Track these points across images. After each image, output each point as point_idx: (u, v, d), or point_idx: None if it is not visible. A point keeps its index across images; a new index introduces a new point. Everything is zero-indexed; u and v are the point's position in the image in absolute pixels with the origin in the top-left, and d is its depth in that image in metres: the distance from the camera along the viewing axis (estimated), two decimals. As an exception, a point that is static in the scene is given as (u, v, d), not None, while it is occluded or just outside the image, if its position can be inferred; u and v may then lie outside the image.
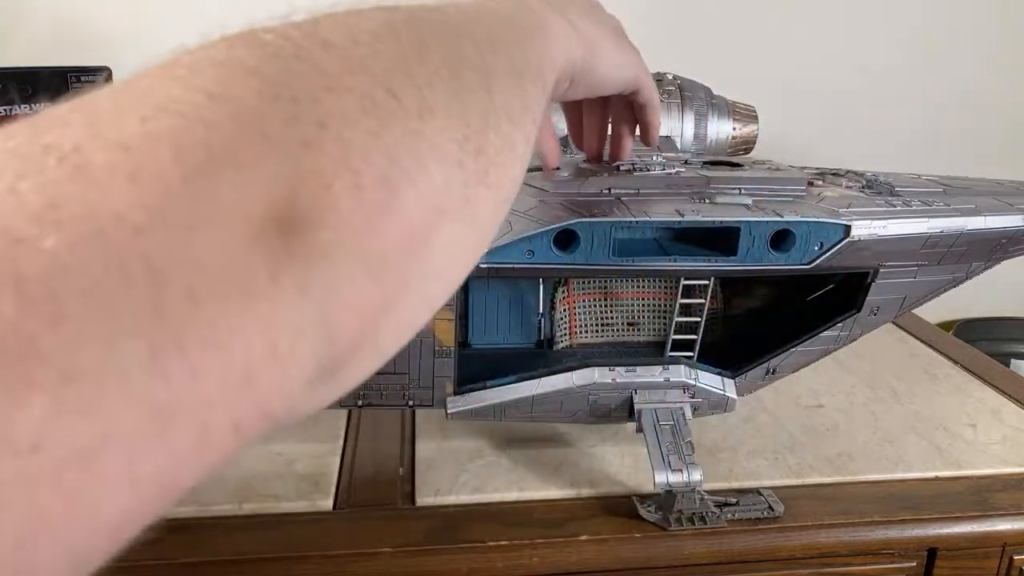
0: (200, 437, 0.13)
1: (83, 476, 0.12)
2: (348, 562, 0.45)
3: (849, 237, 0.47)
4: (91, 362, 0.12)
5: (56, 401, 0.11)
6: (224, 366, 0.13)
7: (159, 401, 0.13)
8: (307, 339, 0.15)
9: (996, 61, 1.08)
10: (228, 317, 0.14)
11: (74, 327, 0.12)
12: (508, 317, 0.55)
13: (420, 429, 0.58)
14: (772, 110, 0.73)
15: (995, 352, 0.93)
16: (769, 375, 0.54)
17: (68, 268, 0.12)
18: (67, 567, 0.12)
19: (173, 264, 0.13)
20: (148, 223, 0.13)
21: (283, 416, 0.16)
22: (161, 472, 0.13)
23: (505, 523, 0.48)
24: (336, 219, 0.16)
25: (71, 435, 0.11)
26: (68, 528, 0.12)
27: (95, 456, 0.12)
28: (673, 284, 0.55)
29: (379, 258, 0.17)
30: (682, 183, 0.48)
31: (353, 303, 0.16)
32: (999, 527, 0.51)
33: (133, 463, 0.12)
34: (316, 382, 0.16)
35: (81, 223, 0.12)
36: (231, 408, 0.14)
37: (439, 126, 0.18)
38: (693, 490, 0.48)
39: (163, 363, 0.13)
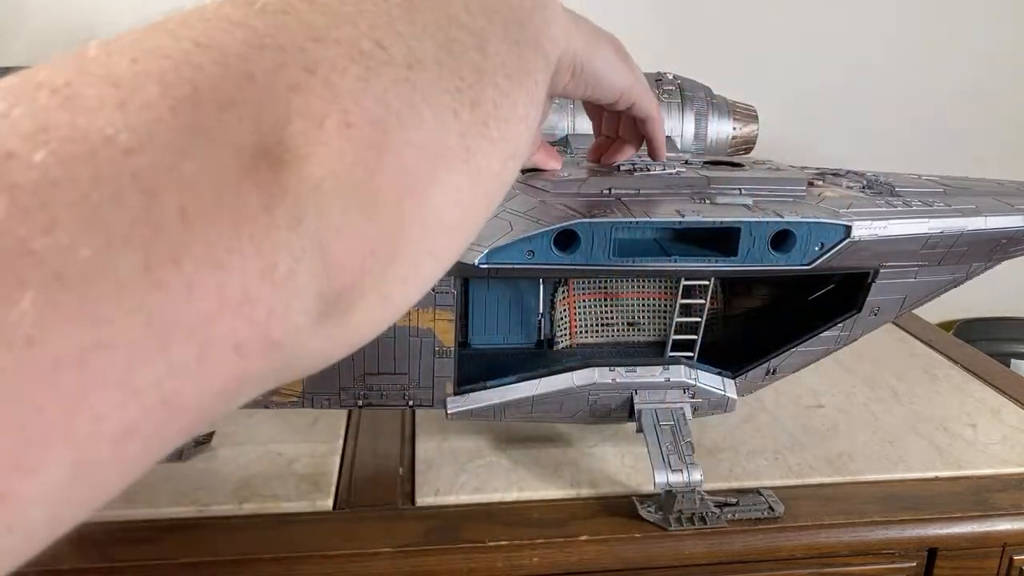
0: (200, 353, 0.14)
1: (79, 378, 0.12)
2: (348, 562, 0.45)
3: (849, 237, 0.47)
4: (84, 266, 0.12)
5: (49, 299, 0.12)
6: (221, 284, 0.14)
7: (156, 311, 0.13)
8: (305, 267, 0.15)
9: (996, 61, 1.08)
10: (222, 237, 0.14)
11: (66, 232, 0.12)
12: (508, 317, 0.55)
13: (420, 429, 0.58)
14: (772, 110, 0.73)
15: (995, 352, 0.93)
16: (769, 375, 0.54)
17: (58, 181, 0.12)
18: (70, 470, 0.12)
19: (164, 184, 0.13)
20: (138, 145, 0.13)
21: (291, 349, 0.16)
22: (163, 386, 0.13)
23: (505, 523, 0.48)
24: (326, 154, 0.16)
25: (65, 334, 0.12)
26: (67, 430, 0.12)
27: (91, 358, 0.12)
28: (673, 284, 0.55)
29: (373, 195, 0.17)
30: (682, 183, 0.48)
31: (349, 237, 0.17)
32: (999, 527, 0.51)
33: (132, 370, 0.13)
34: (322, 318, 0.17)
35: (71, 143, 0.13)
36: (231, 328, 0.14)
37: (429, 77, 0.18)
38: (693, 490, 0.48)
39: (158, 274, 0.13)
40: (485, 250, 0.43)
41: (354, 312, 0.18)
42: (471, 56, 0.20)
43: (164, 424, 0.14)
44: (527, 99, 0.23)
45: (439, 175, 0.19)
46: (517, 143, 0.22)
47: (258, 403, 0.48)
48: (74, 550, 0.45)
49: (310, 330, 0.16)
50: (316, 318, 0.17)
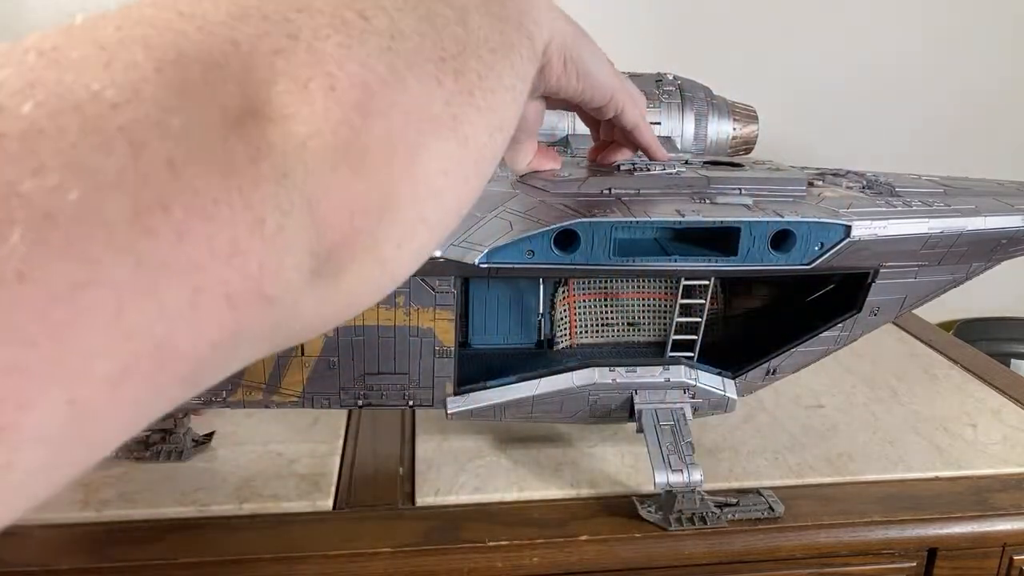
0: (192, 299, 0.14)
1: (70, 314, 0.12)
2: (348, 562, 0.45)
3: (849, 237, 0.47)
4: (73, 207, 0.12)
5: (39, 237, 0.12)
6: (211, 233, 0.14)
7: (145, 254, 0.13)
8: (294, 222, 0.16)
9: (997, 61, 1.08)
10: (210, 188, 0.14)
11: (53, 176, 0.12)
12: (508, 317, 0.55)
13: (420, 429, 0.58)
14: (772, 110, 0.73)
15: (995, 352, 0.93)
16: (769, 375, 0.54)
17: (45, 129, 0.13)
18: (65, 409, 0.13)
19: (151, 136, 0.14)
20: (124, 100, 0.14)
21: (284, 306, 0.16)
22: (155, 329, 0.14)
23: (505, 523, 0.48)
24: (311, 113, 0.16)
25: (56, 271, 0.12)
26: (61, 366, 0.12)
27: (81, 296, 0.12)
28: (673, 284, 0.55)
29: (360, 154, 0.17)
30: (682, 183, 0.48)
31: (337, 194, 0.17)
32: (999, 527, 0.51)
33: (123, 311, 0.13)
34: (315, 277, 0.17)
35: (58, 98, 0.13)
36: (222, 277, 0.14)
37: (411, 47, 0.19)
38: (693, 490, 0.48)
39: (147, 220, 0.13)
40: (485, 250, 0.43)
41: (347, 273, 0.18)
42: (453, 29, 0.20)
43: (159, 369, 0.14)
44: (512, 72, 0.23)
45: (426, 140, 0.19)
46: (504, 114, 0.22)
47: (258, 403, 0.48)
48: (74, 550, 0.45)
49: (303, 288, 0.17)
50: (308, 276, 0.17)
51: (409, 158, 0.19)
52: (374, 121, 0.17)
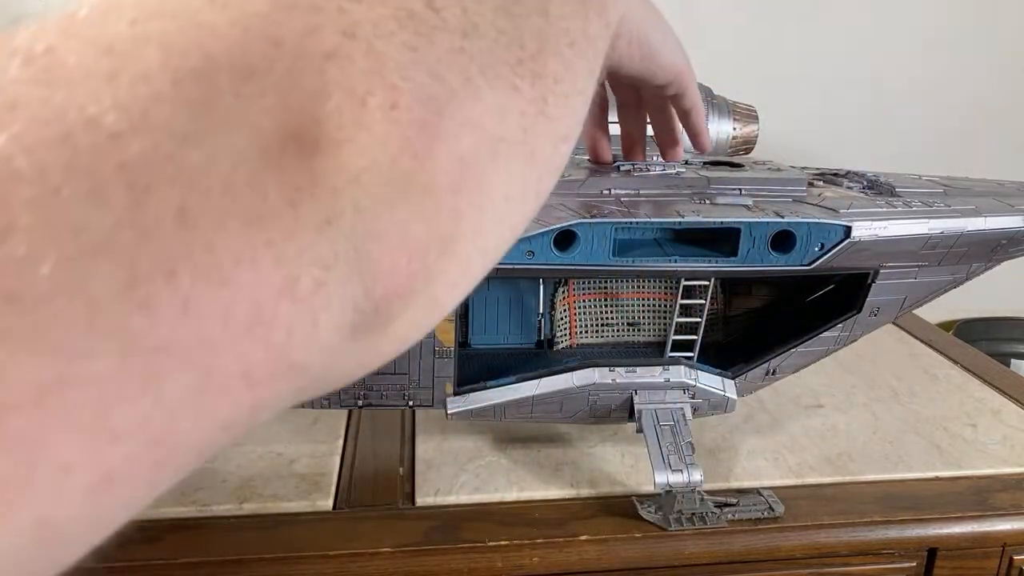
0: (198, 385, 0.12)
1: (36, 422, 0.10)
2: (348, 562, 0.45)
3: (849, 238, 0.47)
4: (44, 284, 0.10)
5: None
6: (227, 301, 0.12)
7: (138, 338, 0.11)
8: (337, 276, 0.13)
9: (998, 61, 1.08)
10: (231, 244, 0.11)
11: (24, 240, 0.10)
12: (508, 317, 0.55)
13: (420, 429, 0.58)
14: (772, 110, 0.73)
15: (995, 352, 0.93)
16: (769, 376, 0.54)
17: (20, 174, 0.10)
18: (32, 532, 0.10)
19: (160, 177, 0.11)
20: (128, 127, 0.11)
21: (319, 370, 0.14)
22: (151, 425, 0.11)
23: (505, 523, 0.48)
24: (369, 140, 0.13)
25: (18, 372, 0.10)
26: (24, 487, 0.10)
27: (52, 400, 0.10)
28: (673, 284, 0.55)
29: (423, 188, 0.14)
30: (682, 184, 0.48)
31: (393, 240, 0.14)
32: (999, 527, 0.51)
33: (107, 410, 0.11)
34: (359, 332, 0.14)
35: (42, 126, 0.11)
36: (239, 353, 0.12)
37: (487, 45, 0.16)
38: (693, 490, 0.48)
39: (144, 291, 0.11)
40: None
41: (400, 321, 0.15)
42: (534, 21, 0.17)
43: (154, 468, 0.12)
44: (587, 71, 0.19)
45: (496, 162, 0.16)
46: (571, 122, 0.19)
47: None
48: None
49: (342, 347, 0.14)
50: (350, 334, 0.14)
51: (476, 186, 0.15)
52: (441, 146, 0.14)
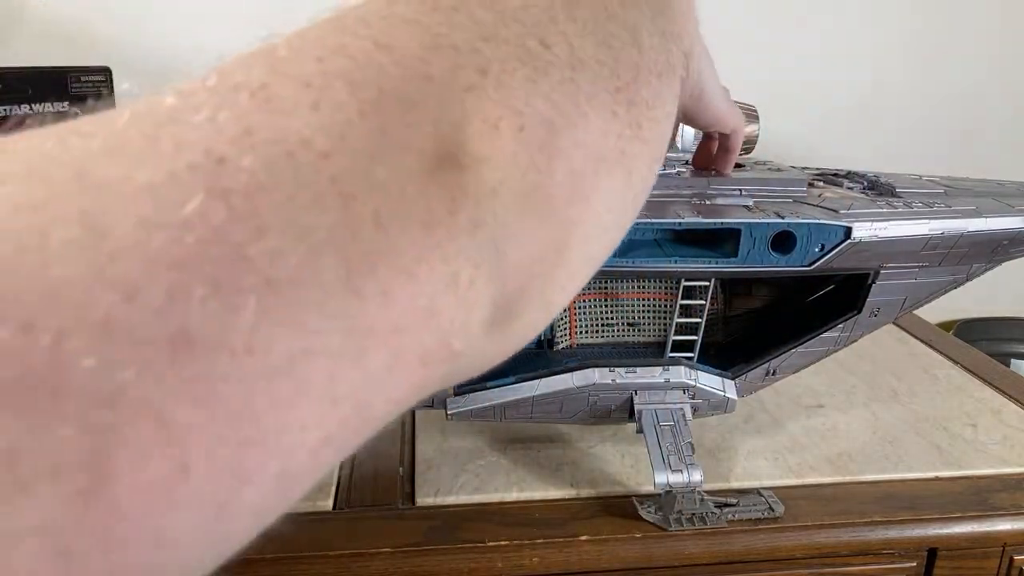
0: (391, 363, 0.14)
1: (290, 387, 0.12)
2: (348, 562, 0.45)
3: (850, 238, 0.47)
4: (292, 272, 0.12)
5: (263, 306, 0.12)
6: (412, 292, 0.14)
7: (355, 319, 0.13)
8: (483, 274, 0.15)
9: (998, 62, 1.08)
10: (413, 244, 0.14)
11: (275, 238, 0.12)
12: (508, 317, 0.55)
13: (420, 429, 0.58)
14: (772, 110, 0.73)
15: (995, 352, 0.93)
16: (769, 376, 0.54)
17: (265, 185, 0.12)
18: (275, 480, 0.12)
19: (359, 188, 0.13)
20: (332, 148, 0.13)
21: (465, 357, 0.16)
22: (357, 395, 0.13)
23: (505, 523, 0.48)
24: (502, 157, 0.16)
25: (278, 342, 0.12)
26: (278, 439, 0.12)
27: (301, 367, 0.12)
28: (673, 285, 0.55)
29: (545, 199, 0.17)
30: (683, 184, 0.48)
31: (524, 243, 0.16)
32: (999, 527, 0.51)
33: (334, 380, 0.13)
34: (492, 327, 0.17)
35: (273, 145, 0.13)
36: (418, 337, 0.14)
37: (591, 76, 0.18)
38: (693, 490, 0.48)
39: (358, 282, 0.13)
40: None
41: (518, 320, 0.18)
42: (628, 52, 0.20)
43: (354, 434, 0.14)
44: (673, 98, 0.22)
45: (600, 180, 0.18)
46: (662, 146, 0.22)
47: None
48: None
49: (483, 338, 0.17)
50: (488, 327, 0.17)
51: (586, 200, 0.18)
52: (558, 163, 0.17)
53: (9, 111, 0.66)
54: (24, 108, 0.67)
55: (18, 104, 0.66)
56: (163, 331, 0.11)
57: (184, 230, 0.11)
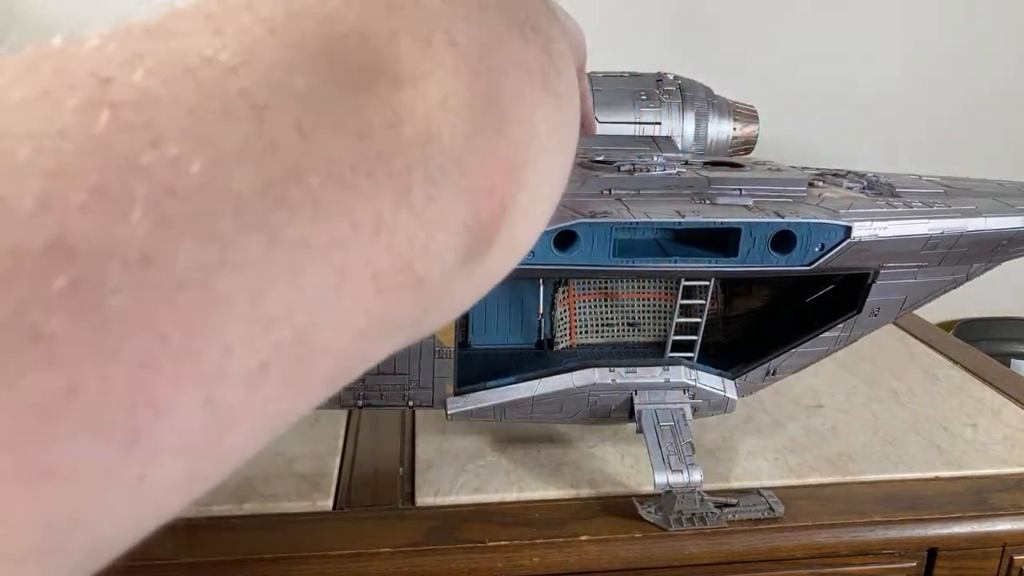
0: (335, 284, 0.13)
1: (202, 301, 0.11)
2: (348, 562, 0.45)
3: (850, 238, 0.47)
4: (197, 179, 0.11)
5: (162, 214, 0.11)
6: (351, 205, 0.13)
7: (280, 230, 0.12)
8: (445, 192, 0.14)
9: (998, 61, 1.08)
10: (346, 154, 0.13)
11: (174, 148, 0.11)
12: (508, 317, 0.55)
13: (420, 429, 0.58)
14: (772, 110, 0.73)
15: (995, 352, 0.93)
16: (769, 376, 0.54)
17: (160, 98, 0.12)
18: (204, 413, 0.11)
19: (274, 99, 0.12)
20: (241, 63, 0.13)
21: (436, 288, 0.15)
22: (296, 317, 0.12)
23: (505, 523, 0.48)
24: (443, 71, 0.15)
25: (183, 252, 0.11)
26: (195, 362, 0.11)
27: (213, 280, 0.11)
28: (673, 285, 0.55)
29: (499, 111, 0.16)
30: (682, 184, 0.48)
31: (486, 157, 0.16)
32: (999, 527, 0.51)
33: (259, 297, 0.12)
34: (468, 255, 0.16)
35: (170, 65, 0.12)
36: (367, 255, 0.13)
37: (497, 4, 0.18)
38: (693, 491, 0.48)
39: (279, 190, 0.12)
40: None
41: (493, 254, 0.17)
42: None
43: (300, 366, 0.13)
44: (567, 41, 0.21)
45: (536, 95, 0.18)
46: (572, 78, 0.21)
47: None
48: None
49: (456, 267, 0.15)
50: (463, 254, 0.15)
51: (530, 115, 0.17)
52: (500, 76, 0.16)
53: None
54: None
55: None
56: (35, 238, 0.10)
57: (59, 140, 0.11)
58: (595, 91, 0.61)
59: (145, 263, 0.10)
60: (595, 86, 0.61)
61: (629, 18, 0.97)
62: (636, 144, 0.59)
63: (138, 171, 0.11)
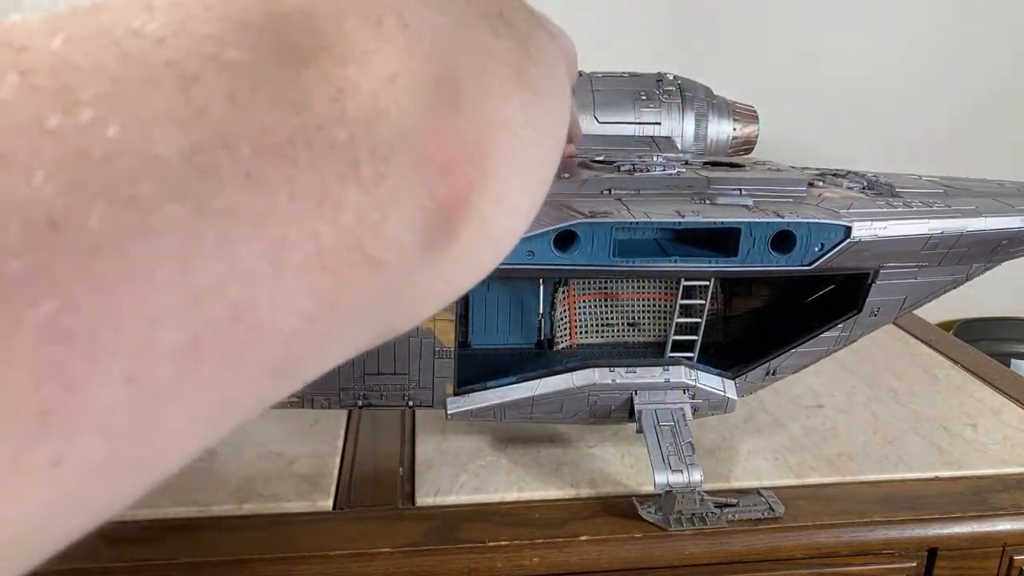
0: (273, 257, 0.12)
1: (119, 267, 0.10)
2: (348, 562, 0.45)
3: (850, 238, 0.47)
4: (112, 144, 0.11)
5: (71, 177, 0.10)
6: (289, 175, 0.12)
7: (207, 198, 0.11)
8: (396, 170, 0.14)
9: (998, 60, 1.08)
10: (283, 125, 0.12)
11: (89, 113, 0.11)
12: (508, 317, 0.55)
13: (420, 429, 0.58)
14: (772, 110, 0.73)
15: (995, 352, 0.93)
16: (769, 376, 0.54)
17: (80, 66, 0.11)
18: (125, 389, 0.11)
19: (204, 70, 0.12)
20: (171, 34, 0.12)
21: (394, 270, 0.14)
22: (229, 291, 0.11)
23: (505, 523, 0.48)
24: (394, 51, 0.14)
25: (96, 216, 0.10)
26: (112, 334, 0.10)
27: (131, 245, 0.10)
28: (673, 285, 0.55)
29: (454, 89, 0.15)
30: (682, 184, 0.48)
31: (441, 136, 0.15)
32: (999, 527, 0.51)
33: (186, 265, 0.11)
34: (429, 239, 0.15)
35: (94, 35, 0.12)
36: (309, 229, 0.12)
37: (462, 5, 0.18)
38: (693, 491, 0.48)
39: (207, 158, 0.11)
40: None
41: (459, 237, 0.16)
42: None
43: (241, 347, 0.12)
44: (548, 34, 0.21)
45: (505, 83, 0.17)
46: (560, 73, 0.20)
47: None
48: (74, 550, 0.45)
49: (415, 253, 0.15)
50: (421, 238, 0.15)
51: (498, 102, 0.16)
52: (460, 59, 0.16)
53: (9, 111, 0.66)
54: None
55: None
56: None
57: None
58: (595, 91, 0.61)
59: (51, 227, 0.10)
60: (595, 86, 0.61)
61: (629, 18, 0.97)
62: (636, 144, 0.59)
63: (47, 134, 0.10)
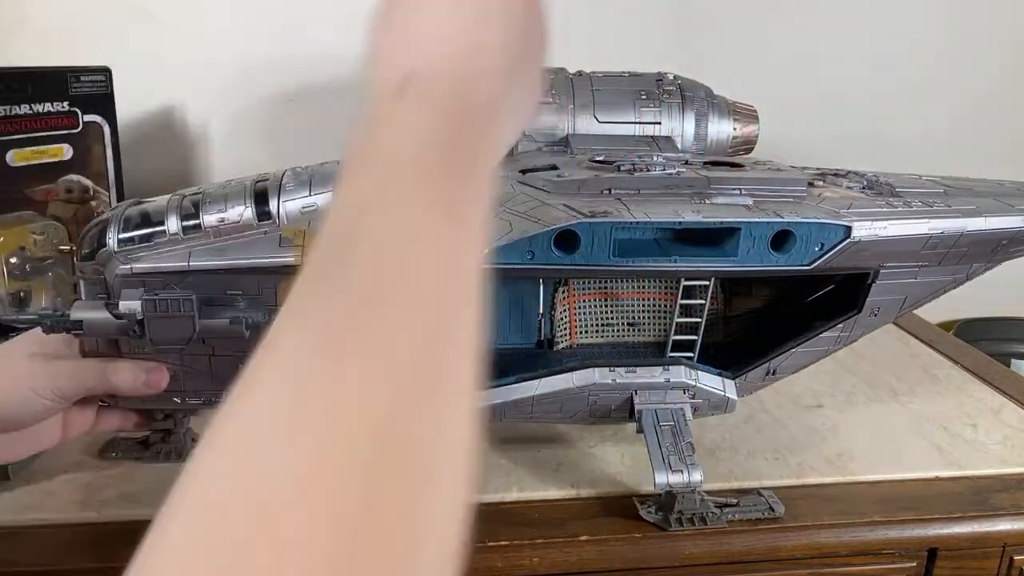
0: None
1: None
2: (348, 562, 0.45)
3: (850, 238, 0.47)
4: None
5: None
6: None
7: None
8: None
9: (998, 60, 1.08)
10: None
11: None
12: (508, 317, 0.55)
13: (420, 429, 0.58)
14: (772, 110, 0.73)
15: (995, 352, 0.93)
16: (769, 376, 0.54)
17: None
18: None
19: None
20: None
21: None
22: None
23: (505, 523, 0.48)
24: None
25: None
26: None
27: None
28: (673, 285, 0.55)
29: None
30: (682, 183, 0.48)
31: None
32: (999, 527, 0.51)
33: None
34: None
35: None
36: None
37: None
38: (693, 491, 0.48)
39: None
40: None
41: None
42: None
43: None
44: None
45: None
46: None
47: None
48: (74, 550, 0.45)
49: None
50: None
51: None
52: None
53: (9, 111, 0.66)
54: (24, 108, 0.67)
55: (18, 104, 0.66)
56: None
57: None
58: (595, 91, 0.61)
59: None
60: (595, 86, 0.61)
61: (629, 18, 0.97)
62: (636, 144, 0.59)
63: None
